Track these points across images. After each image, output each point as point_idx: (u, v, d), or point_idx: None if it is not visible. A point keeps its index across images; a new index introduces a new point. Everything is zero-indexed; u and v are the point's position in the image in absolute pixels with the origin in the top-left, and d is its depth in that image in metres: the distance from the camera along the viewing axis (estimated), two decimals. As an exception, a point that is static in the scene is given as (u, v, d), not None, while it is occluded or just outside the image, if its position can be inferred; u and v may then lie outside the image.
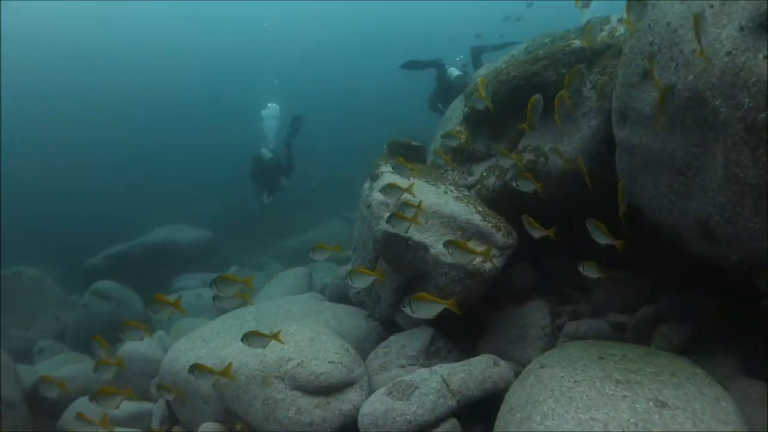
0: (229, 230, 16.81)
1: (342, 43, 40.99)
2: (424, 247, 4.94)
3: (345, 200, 18.05)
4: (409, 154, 7.06)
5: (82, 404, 6.95)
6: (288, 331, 4.91)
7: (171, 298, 10.28)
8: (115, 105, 34.40)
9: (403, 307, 4.27)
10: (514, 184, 5.14)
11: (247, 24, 36.88)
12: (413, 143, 7.16)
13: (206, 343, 5.88)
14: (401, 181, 5.55)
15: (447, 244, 4.63)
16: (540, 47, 6.55)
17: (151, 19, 37.56)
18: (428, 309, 4.28)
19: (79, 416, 5.66)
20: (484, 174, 6.40)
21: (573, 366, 3.94)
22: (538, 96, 5.04)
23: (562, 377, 3.78)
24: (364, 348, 5.68)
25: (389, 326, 6.04)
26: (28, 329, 9.83)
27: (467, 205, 5.43)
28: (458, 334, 5.54)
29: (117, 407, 5.24)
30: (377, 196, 5.44)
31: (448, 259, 4.77)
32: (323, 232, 14.60)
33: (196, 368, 4.59)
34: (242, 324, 6.20)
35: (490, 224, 5.13)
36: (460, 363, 4.56)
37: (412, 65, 10.89)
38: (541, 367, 4.08)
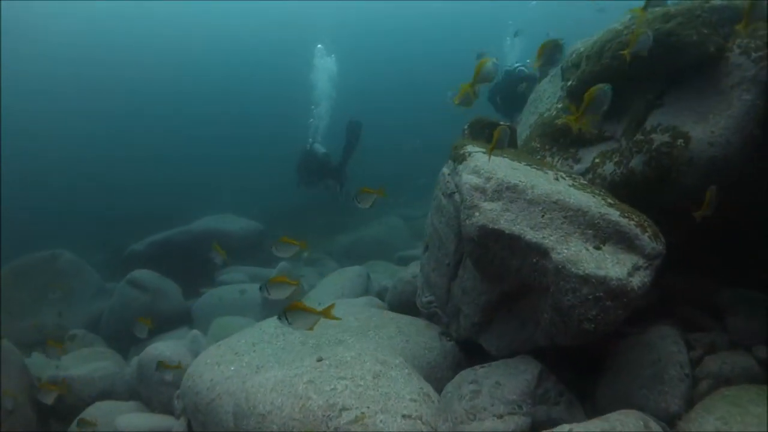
0: (283, 222, 15.58)
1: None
2: (542, 252, 3.40)
3: (398, 196, 16.88)
4: (497, 135, 5.59)
5: (97, 410, 5.83)
6: (342, 358, 3.43)
7: (214, 292, 9.16)
8: (166, 89, 34.46)
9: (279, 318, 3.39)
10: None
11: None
12: (501, 123, 5.69)
13: (238, 357, 4.51)
14: (496, 162, 4.07)
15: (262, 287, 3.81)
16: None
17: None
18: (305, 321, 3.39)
19: None
20: (598, 160, 4.93)
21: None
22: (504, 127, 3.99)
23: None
24: (437, 377, 4.30)
25: (469, 349, 4.63)
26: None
27: (594, 196, 3.87)
28: (565, 368, 4.02)
29: None
30: (469, 179, 3.94)
31: (580, 269, 3.21)
32: (382, 228, 13.11)
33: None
34: (285, 335, 4.82)
35: (633, 222, 3.55)
36: (597, 426, 2.99)
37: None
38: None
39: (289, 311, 3.29)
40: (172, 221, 12.15)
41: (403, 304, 6.35)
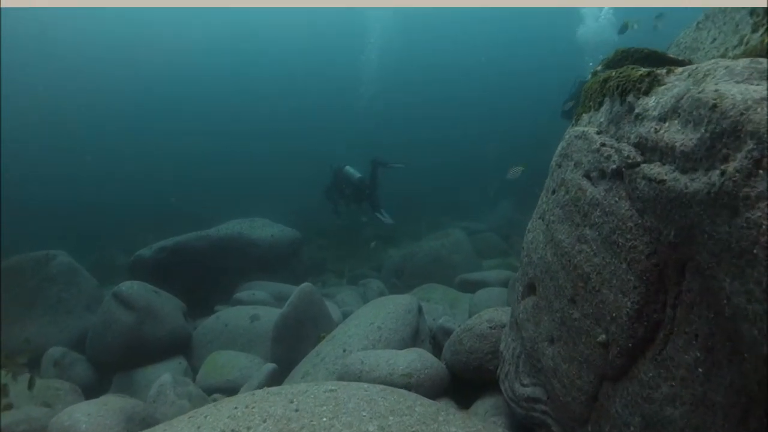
0: (324, 231, 13.09)
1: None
2: None
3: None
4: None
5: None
6: None
7: (221, 315, 6.62)
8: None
9: None
10: None
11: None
12: (667, 54, 2.95)
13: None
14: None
15: None
16: None
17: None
18: None
19: None
20: None
21: None
22: None
23: None
24: None
25: None
26: None
27: None
28: None
29: None
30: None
31: None
32: (440, 243, 10.24)
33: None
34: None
35: None
36: None
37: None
38: None
39: None
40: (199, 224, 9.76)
41: (472, 371, 3.72)
